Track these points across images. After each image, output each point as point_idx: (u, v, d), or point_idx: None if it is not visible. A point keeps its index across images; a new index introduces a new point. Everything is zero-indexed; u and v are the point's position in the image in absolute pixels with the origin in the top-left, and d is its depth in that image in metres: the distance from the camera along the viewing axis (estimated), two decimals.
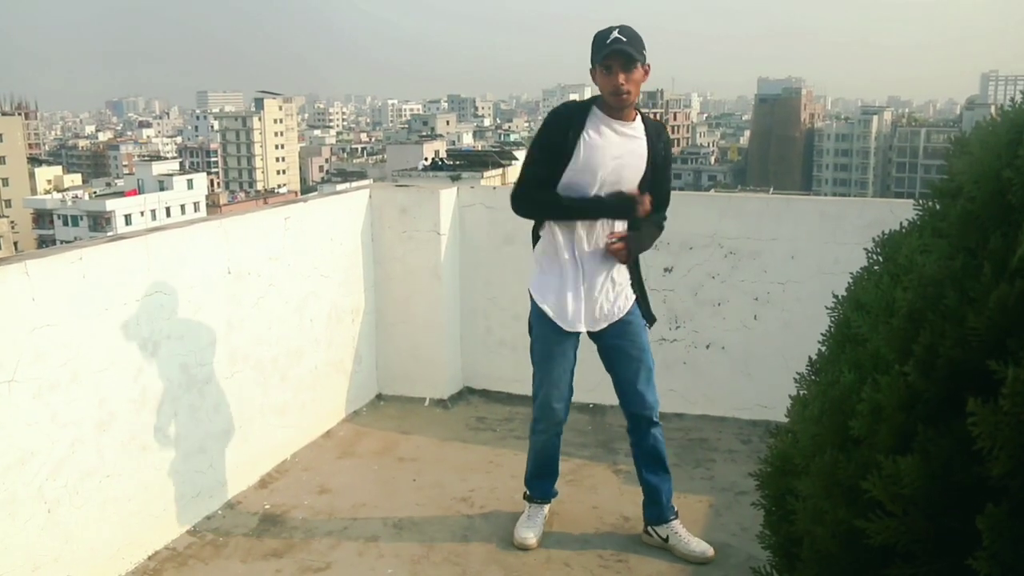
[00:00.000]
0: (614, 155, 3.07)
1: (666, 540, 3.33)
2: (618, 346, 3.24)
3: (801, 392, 1.70)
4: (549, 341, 3.24)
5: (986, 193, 1.28)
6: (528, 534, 3.40)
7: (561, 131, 3.08)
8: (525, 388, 4.83)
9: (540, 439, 3.39)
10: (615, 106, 3.05)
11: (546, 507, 3.52)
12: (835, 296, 1.74)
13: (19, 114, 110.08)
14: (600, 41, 3.01)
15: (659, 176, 3.17)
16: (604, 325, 3.22)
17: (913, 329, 1.27)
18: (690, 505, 3.63)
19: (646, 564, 3.26)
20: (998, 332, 1.16)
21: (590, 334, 3.26)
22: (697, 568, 3.23)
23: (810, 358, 1.77)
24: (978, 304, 1.19)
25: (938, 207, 1.47)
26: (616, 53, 2.97)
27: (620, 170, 3.08)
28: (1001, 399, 1.15)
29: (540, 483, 3.48)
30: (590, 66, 3.07)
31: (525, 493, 3.51)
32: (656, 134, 3.16)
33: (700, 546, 3.30)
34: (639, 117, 3.15)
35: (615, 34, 3.00)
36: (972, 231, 1.29)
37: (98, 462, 3.05)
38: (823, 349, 1.70)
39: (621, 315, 3.21)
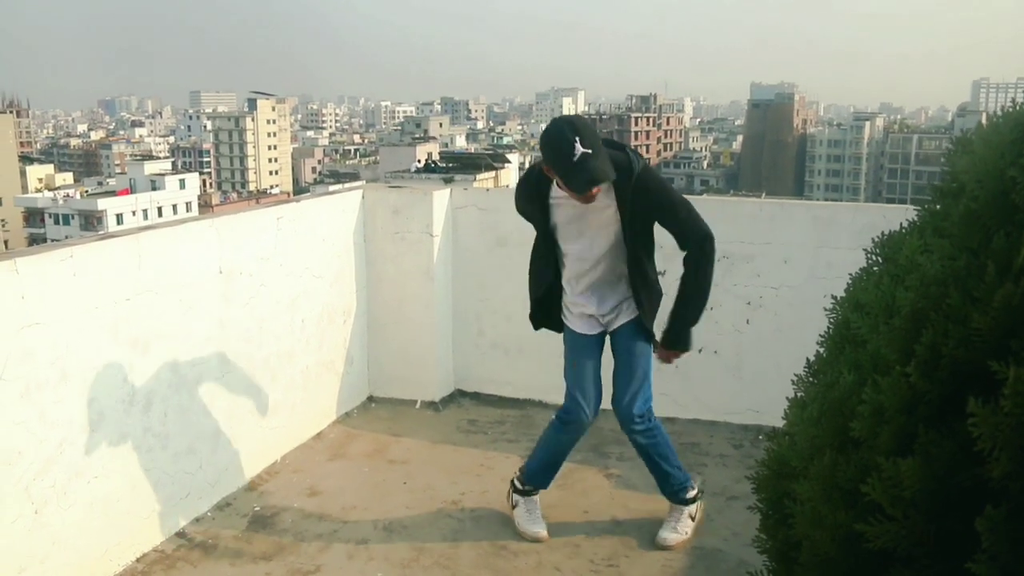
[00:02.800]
0: (579, 230, 3.07)
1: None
2: (615, 348, 3.28)
3: (799, 394, 1.69)
4: (574, 338, 3.30)
5: (989, 192, 1.27)
6: (539, 528, 3.42)
7: (529, 200, 3.12)
8: (516, 391, 4.84)
9: (561, 437, 3.37)
10: (582, 203, 2.94)
11: (537, 497, 3.51)
12: (834, 297, 1.73)
13: (11, 112, 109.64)
14: (564, 157, 2.70)
15: (641, 228, 3.03)
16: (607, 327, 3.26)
17: (915, 329, 1.25)
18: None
19: (637, 569, 3.24)
20: (1002, 332, 1.15)
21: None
22: (688, 573, 3.22)
23: (808, 360, 1.76)
24: (982, 304, 1.18)
25: (939, 207, 1.46)
26: (592, 183, 2.75)
27: (591, 246, 3.09)
28: (1002, 400, 1.13)
29: (544, 475, 3.48)
30: (549, 167, 2.86)
31: (518, 486, 3.48)
32: (630, 192, 2.91)
33: (665, 532, 3.38)
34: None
35: (579, 148, 2.66)
36: (975, 231, 1.28)
37: (86, 462, 3.02)
38: (821, 351, 1.68)
39: (619, 324, 3.23)
